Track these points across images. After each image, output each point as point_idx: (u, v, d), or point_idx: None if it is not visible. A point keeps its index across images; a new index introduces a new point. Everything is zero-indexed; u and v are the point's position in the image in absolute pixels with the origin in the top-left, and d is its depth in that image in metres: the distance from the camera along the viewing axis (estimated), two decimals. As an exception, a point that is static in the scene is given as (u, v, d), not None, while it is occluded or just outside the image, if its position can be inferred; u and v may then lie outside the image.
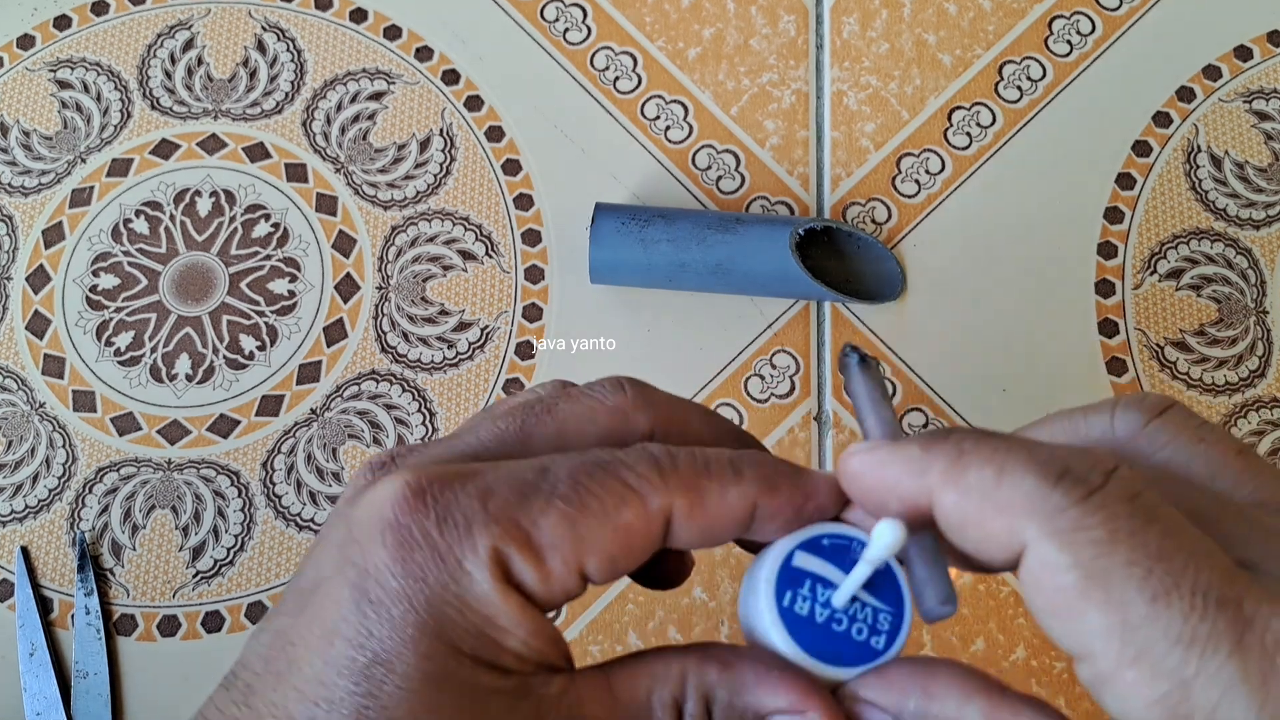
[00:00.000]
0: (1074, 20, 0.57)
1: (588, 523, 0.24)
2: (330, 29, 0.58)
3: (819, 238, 0.53)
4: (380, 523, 0.24)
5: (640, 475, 0.25)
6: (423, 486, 0.24)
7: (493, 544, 0.24)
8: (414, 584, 0.23)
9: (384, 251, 0.54)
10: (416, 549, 0.24)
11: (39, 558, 0.50)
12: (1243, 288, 0.53)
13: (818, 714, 0.25)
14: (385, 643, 0.23)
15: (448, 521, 0.24)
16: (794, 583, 0.27)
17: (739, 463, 0.26)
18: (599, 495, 0.25)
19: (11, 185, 0.56)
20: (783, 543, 0.27)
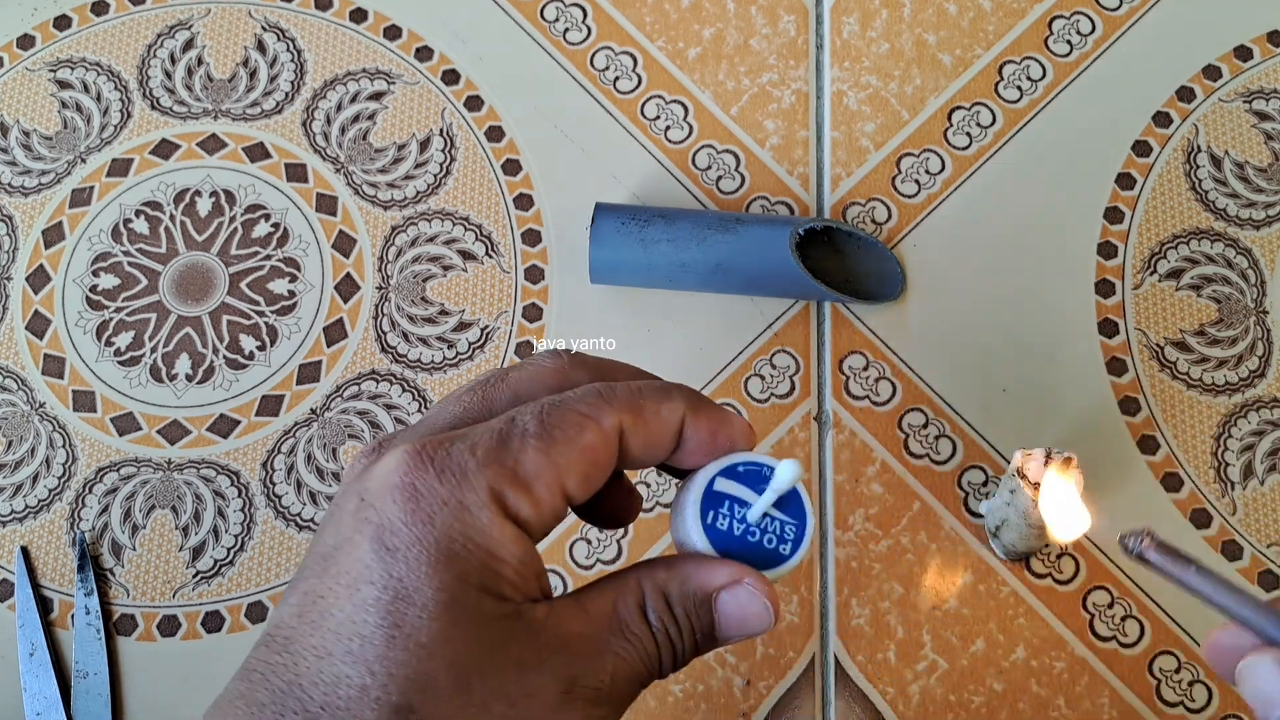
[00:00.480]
0: (1074, 20, 0.57)
1: (559, 449, 0.29)
2: (330, 29, 0.58)
3: (819, 238, 0.53)
4: (389, 485, 0.28)
5: (590, 404, 0.30)
6: (420, 450, 0.29)
7: (488, 484, 0.28)
8: (424, 529, 0.28)
9: (384, 251, 0.54)
10: (423, 500, 0.28)
11: (39, 558, 0.50)
12: (1243, 288, 0.53)
13: (753, 580, 0.31)
14: (404, 581, 0.27)
15: (446, 473, 0.28)
16: (715, 503, 0.32)
17: (668, 387, 0.32)
18: (562, 426, 0.30)
19: (11, 185, 0.56)
20: (706, 469, 0.32)
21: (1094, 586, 0.49)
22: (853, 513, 0.50)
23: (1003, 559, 0.49)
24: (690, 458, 0.32)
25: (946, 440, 0.51)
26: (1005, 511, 0.46)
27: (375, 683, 0.27)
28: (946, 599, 0.49)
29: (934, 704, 0.47)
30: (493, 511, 0.28)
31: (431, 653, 0.27)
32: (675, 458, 0.33)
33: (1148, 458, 0.50)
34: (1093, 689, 0.47)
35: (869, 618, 0.49)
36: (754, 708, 0.48)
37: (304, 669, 0.27)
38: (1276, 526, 0.49)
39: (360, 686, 0.27)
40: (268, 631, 0.29)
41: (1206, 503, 0.50)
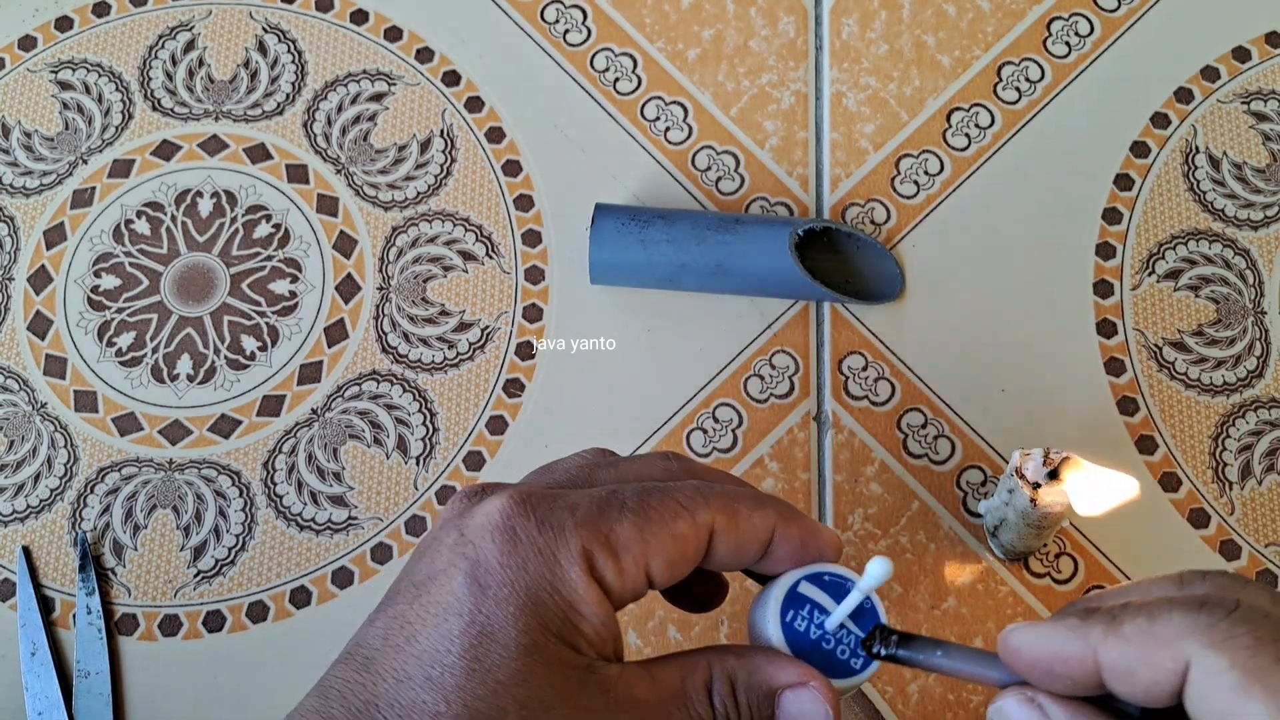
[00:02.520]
0: (1072, 21, 0.57)
1: (652, 529, 0.31)
2: (331, 30, 0.58)
3: (818, 238, 0.53)
4: (491, 525, 0.30)
5: (688, 497, 0.32)
6: (524, 499, 0.31)
7: (582, 544, 0.30)
8: (517, 572, 0.29)
9: (385, 252, 0.54)
10: (520, 545, 0.30)
11: (40, 557, 0.50)
12: (1241, 288, 0.53)
13: (819, 685, 0.32)
14: (491, 618, 0.29)
15: (545, 525, 0.30)
16: (797, 604, 0.33)
17: (763, 498, 0.33)
18: (659, 509, 0.31)
19: (13, 186, 0.56)
20: (792, 573, 0.33)
21: (1092, 586, 0.49)
22: (852, 512, 0.50)
23: (1001, 558, 0.49)
24: (777, 565, 0.34)
25: (945, 440, 0.51)
26: (1004, 511, 0.46)
27: (449, 711, 0.28)
28: (945, 598, 0.49)
29: (933, 703, 0.47)
30: (581, 569, 0.30)
31: (507, 690, 0.28)
32: (762, 565, 0.34)
33: (1146, 458, 0.51)
34: (1091, 688, 0.48)
35: (868, 617, 0.49)
36: (753, 707, 0.48)
37: (382, 690, 0.29)
38: (1274, 526, 0.50)
39: (434, 713, 0.28)
40: (348, 650, 0.30)
41: (1205, 502, 0.50)
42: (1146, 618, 0.27)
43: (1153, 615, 0.27)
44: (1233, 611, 0.26)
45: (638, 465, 0.35)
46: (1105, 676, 0.28)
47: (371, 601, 0.49)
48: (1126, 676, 0.27)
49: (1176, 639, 0.26)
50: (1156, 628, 0.27)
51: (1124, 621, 0.27)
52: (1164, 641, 0.26)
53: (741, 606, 0.49)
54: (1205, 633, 0.26)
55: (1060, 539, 0.49)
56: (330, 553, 0.50)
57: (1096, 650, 0.27)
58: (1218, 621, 0.26)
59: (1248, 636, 0.25)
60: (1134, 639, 0.27)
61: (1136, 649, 0.27)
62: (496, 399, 0.52)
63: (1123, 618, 0.27)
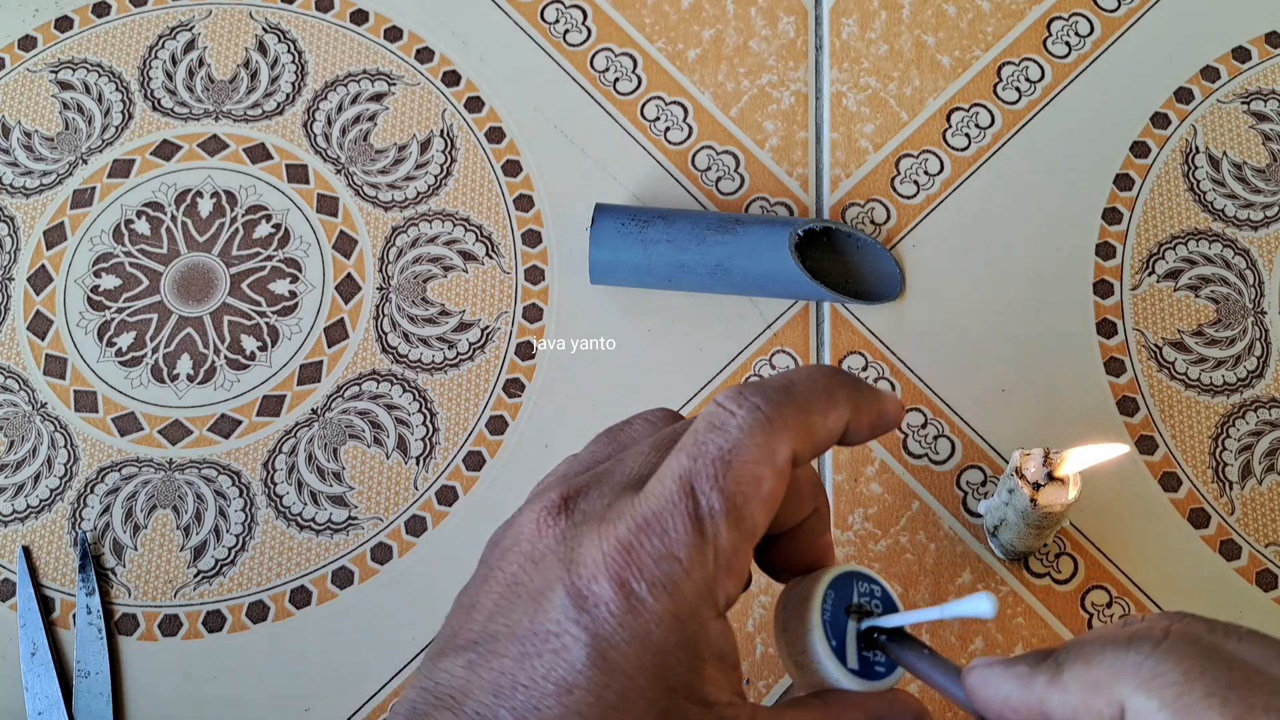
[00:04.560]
0: (1072, 21, 0.57)
1: (747, 517, 0.29)
2: (331, 30, 0.58)
3: (818, 238, 0.53)
4: (608, 594, 0.28)
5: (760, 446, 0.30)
6: (630, 550, 0.28)
7: (697, 589, 0.28)
8: (643, 646, 0.28)
9: (385, 252, 0.54)
10: (643, 615, 0.28)
11: (40, 557, 0.50)
12: (1241, 288, 0.53)
13: (927, 715, 0.32)
14: (619, 693, 0.28)
15: (658, 587, 0.28)
16: (837, 621, 0.32)
17: (832, 389, 0.31)
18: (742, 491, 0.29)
19: (13, 186, 0.56)
20: (815, 611, 0.32)
21: (1092, 586, 0.49)
22: (852, 512, 0.50)
23: (1001, 558, 0.49)
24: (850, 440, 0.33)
25: (945, 440, 0.51)
26: (1004, 511, 0.46)
27: None
28: (945, 598, 0.49)
29: (932, 703, 0.47)
30: (705, 616, 0.29)
31: None
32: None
33: (1146, 458, 0.51)
34: (1091, 688, 0.48)
35: (868, 617, 0.49)
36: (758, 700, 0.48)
37: None
38: (1274, 526, 0.50)
39: None
40: (450, 693, 0.29)
41: (1205, 502, 0.50)
42: (1083, 663, 0.27)
43: (1088, 659, 0.27)
44: (1160, 644, 0.26)
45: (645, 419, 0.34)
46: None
47: (372, 601, 0.49)
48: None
49: (1110, 682, 0.26)
50: (1092, 672, 0.26)
51: (1064, 668, 0.27)
52: (1098, 686, 0.26)
53: (765, 593, 0.49)
54: (1135, 673, 0.26)
55: (1060, 539, 0.49)
56: (330, 553, 0.50)
57: (1041, 700, 0.27)
58: (1145, 659, 0.26)
59: (1175, 672, 0.25)
60: (1072, 686, 0.27)
61: (1075, 697, 0.26)
62: (496, 399, 0.52)
63: (1064, 663, 0.27)
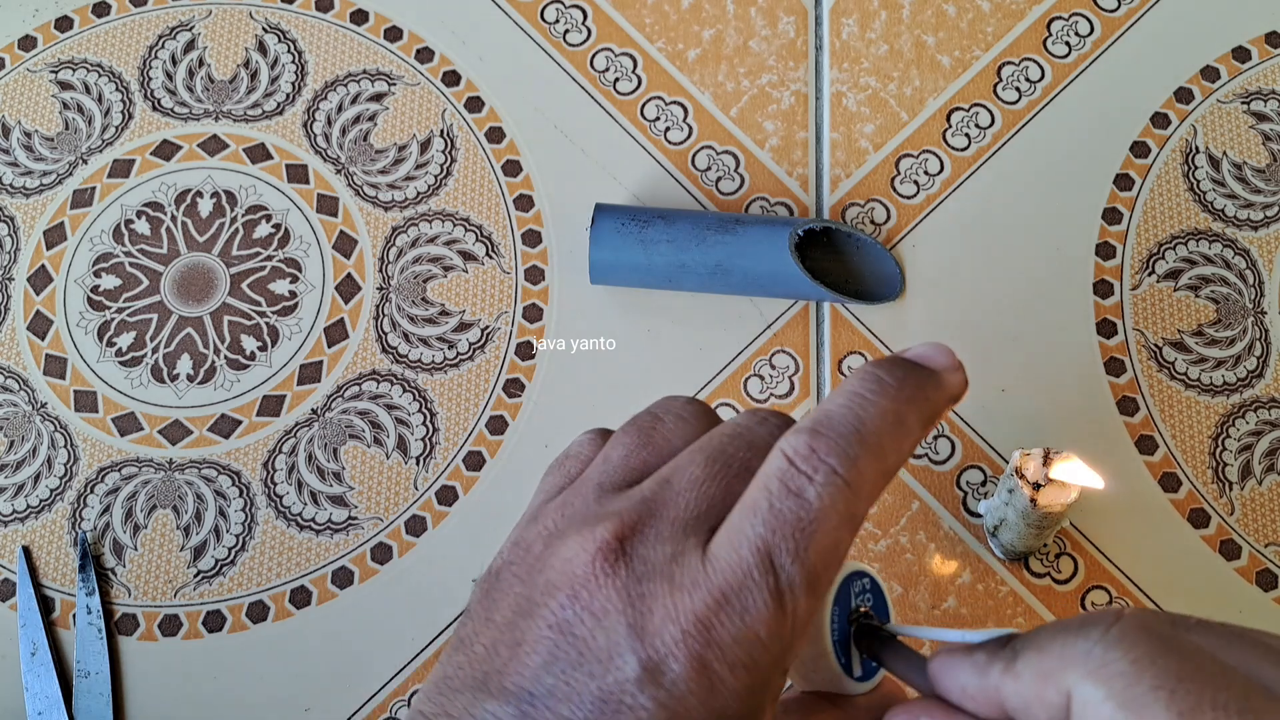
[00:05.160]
0: (1072, 21, 0.57)
1: (823, 583, 0.28)
2: (331, 30, 0.58)
3: (818, 238, 0.53)
4: (686, 673, 0.27)
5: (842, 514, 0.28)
6: (708, 628, 0.27)
7: (770, 665, 0.27)
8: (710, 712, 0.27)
9: (385, 252, 0.54)
10: (719, 694, 0.27)
11: (40, 557, 0.50)
12: (1241, 288, 0.53)
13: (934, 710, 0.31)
14: None
15: (738, 668, 0.27)
16: (842, 632, 0.32)
17: (901, 415, 0.30)
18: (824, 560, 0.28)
19: (13, 186, 0.56)
20: (830, 609, 0.32)
21: (1092, 586, 0.49)
22: (852, 512, 0.50)
23: (1001, 558, 0.49)
24: None
25: (945, 440, 0.51)
26: (1004, 511, 0.46)
27: None
28: (945, 598, 0.49)
29: (933, 703, 0.47)
30: (776, 686, 0.28)
31: None
32: None
33: (1146, 458, 0.51)
34: (1091, 688, 0.48)
35: (868, 617, 0.49)
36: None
37: None
38: (1274, 526, 0.50)
39: None
40: None
41: (1204, 503, 0.50)
42: (1036, 650, 0.26)
43: (1041, 647, 0.26)
44: (1110, 629, 0.25)
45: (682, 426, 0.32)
46: (1010, 713, 0.27)
47: (372, 601, 0.49)
48: (1025, 713, 0.26)
49: (1060, 671, 0.26)
50: (1044, 661, 0.26)
51: (1019, 656, 0.27)
52: (1049, 675, 0.26)
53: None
54: (1083, 661, 0.25)
55: (1060, 539, 0.49)
56: (330, 553, 0.50)
57: (997, 689, 0.27)
58: (1094, 646, 0.25)
59: (1123, 661, 0.25)
60: (1024, 675, 0.26)
61: (1028, 686, 0.26)
62: (496, 399, 0.52)
63: (1020, 651, 0.27)
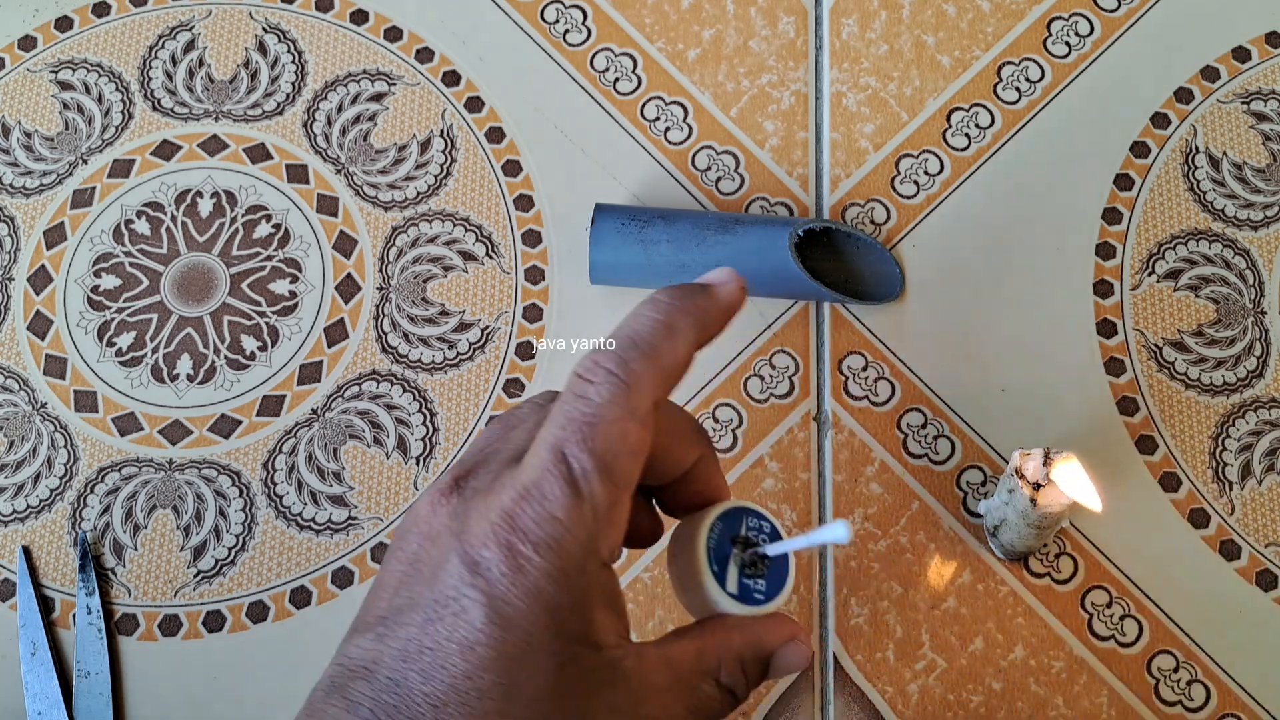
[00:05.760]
0: (1072, 21, 0.57)
1: (618, 470, 0.31)
2: (331, 30, 0.58)
3: (818, 238, 0.53)
4: (496, 558, 0.30)
5: (619, 402, 0.32)
6: (512, 519, 0.30)
7: (581, 545, 0.31)
8: (533, 600, 0.30)
9: (385, 252, 0.54)
10: (529, 574, 0.30)
11: (40, 557, 0.50)
12: (1241, 288, 0.53)
13: (801, 635, 0.35)
14: (517, 644, 0.30)
15: (543, 546, 0.30)
16: (723, 563, 0.35)
17: (667, 323, 0.35)
18: (611, 448, 0.31)
19: (13, 186, 0.56)
20: (706, 525, 0.36)
21: (1092, 586, 0.49)
22: (852, 512, 0.50)
23: (1001, 558, 0.49)
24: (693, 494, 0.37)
25: (945, 440, 0.51)
26: (1004, 511, 0.46)
27: None
28: (945, 598, 0.49)
29: (933, 703, 0.47)
30: (591, 567, 0.31)
31: (543, 705, 0.30)
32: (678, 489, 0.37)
33: (1146, 458, 0.51)
34: (1091, 688, 0.48)
35: (868, 617, 0.49)
36: (753, 707, 0.48)
37: (417, 714, 0.29)
38: (1275, 526, 0.50)
39: None
40: (363, 664, 0.31)
41: (1205, 503, 0.50)
42: None
43: None
44: None
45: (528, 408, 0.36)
46: None
47: (371, 601, 0.49)
48: None
49: None
50: None
51: None
52: None
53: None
54: None
55: (1060, 539, 0.49)
56: (330, 553, 0.50)
57: None
58: None
59: None
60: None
61: None
62: (496, 399, 0.52)
63: None
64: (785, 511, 0.50)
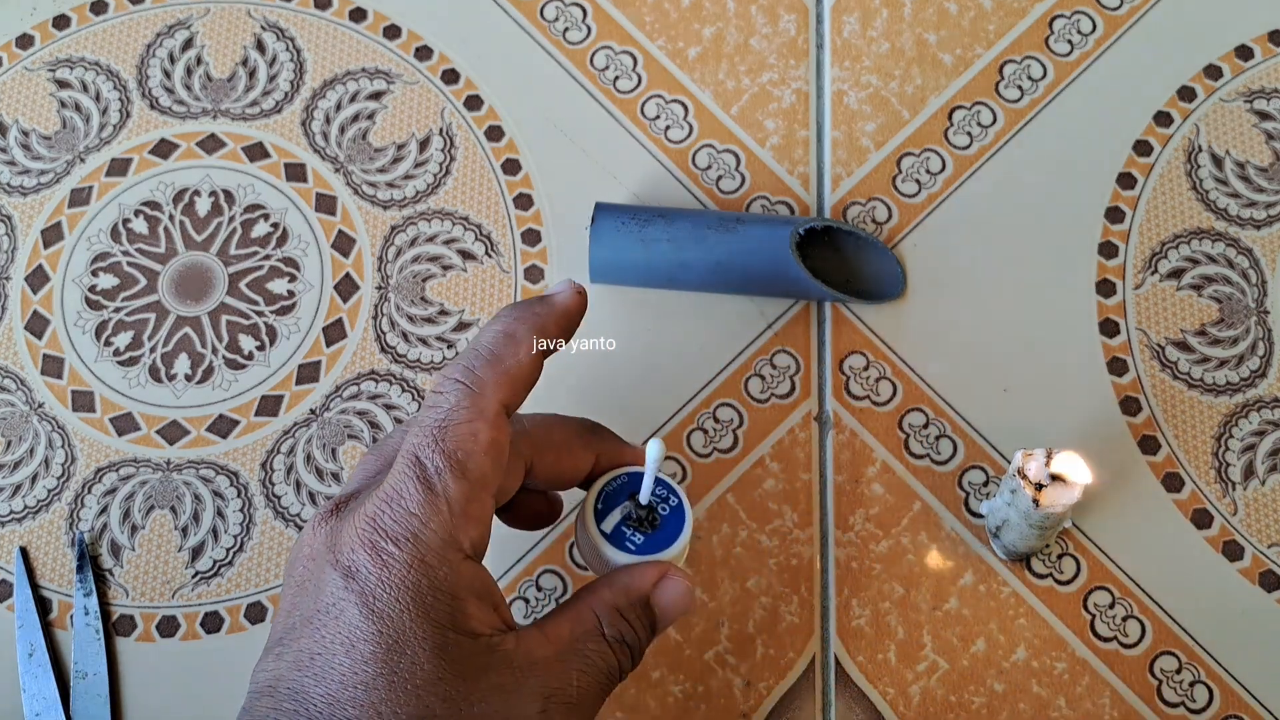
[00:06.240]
0: (1075, 19, 0.57)
1: (471, 466, 0.35)
2: (329, 28, 0.58)
3: (819, 237, 0.53)
4: (360, 561, 0.34)
5: (467, 406, 0.36)
6: (376, 521, 0.34)
7: (440, 539, 0.34)
8: (399, 591, 0.33)
9: (383, 251, 0.54)
10: (393, 567, 0.33)
11: (38, 558, 0.50)
12: (1244, 288, 0.53)
13: (674, 570, 0.39)
14: (393, 636, 0.33)
15: (403, 540, 0.34)
16: (610, 505, 0.40)
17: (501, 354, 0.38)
18: (462, 446, 0.35)
19: (10, 185, 0.55)
20: (595, 486, 0.40)
21: (1095, 587, 0.49)
22: (853, 513, 0.50)
23: (1003, 559, 0.49)
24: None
25: (947, 440, 0.51)
26: (1006, 512, 0.46)
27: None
28: (947, 599, 0.49)
29: (934, 704, 0.47)
30: (453, 558, 0.34)
31: (427, 691, 0.32)
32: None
33: (1149, 458, 0.50)
34: (1094, 690, 0.47)
35: (869, 618, 0.49)
36: (754, 708, 0.48)
37: (315, 714, 0.32)
38: (1278, 527, 0.49)
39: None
40: (267, 684, 0.33)
41: (1207, 503, 0.50)
42: None
43: None
44: None
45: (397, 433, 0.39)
46: None
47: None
48: None
49: None
50: None
51: None
52: None
53: (766, 594, 0.49)
54: None
55: (1063, 540, 0.49)
56: (329, 553, 0.50)
57: None
58: None
59: None
60: None
61: None
62: (496, 399, 0.52)
63: None
64: (786, 512, 0.50)
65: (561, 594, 0.49)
